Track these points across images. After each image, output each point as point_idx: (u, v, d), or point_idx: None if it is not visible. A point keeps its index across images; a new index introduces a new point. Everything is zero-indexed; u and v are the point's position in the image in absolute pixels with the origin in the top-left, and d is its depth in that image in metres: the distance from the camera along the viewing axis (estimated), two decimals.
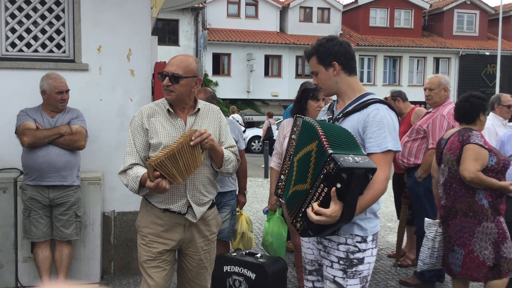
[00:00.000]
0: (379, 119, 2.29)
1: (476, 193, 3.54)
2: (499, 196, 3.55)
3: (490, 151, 3.53)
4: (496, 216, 3.53)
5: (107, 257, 4.64)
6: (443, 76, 4.83)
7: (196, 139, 2.53)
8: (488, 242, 3.52)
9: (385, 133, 2.28)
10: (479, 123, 3.69)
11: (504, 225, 3.56)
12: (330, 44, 2.40)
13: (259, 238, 6.24)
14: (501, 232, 3.52)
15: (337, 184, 2.07)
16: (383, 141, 2.27)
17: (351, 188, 2.08)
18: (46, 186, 3.88)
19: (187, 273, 2.90)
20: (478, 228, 3.53)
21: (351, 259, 2.34)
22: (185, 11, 25.29)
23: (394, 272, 5.06)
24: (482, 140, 3.53)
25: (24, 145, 3.83)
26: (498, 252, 3.52)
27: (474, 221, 3.54)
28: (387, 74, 29.33)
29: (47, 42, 4.52)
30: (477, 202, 3.54)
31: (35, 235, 3.93)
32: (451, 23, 30.24)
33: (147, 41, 4.64)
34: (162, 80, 2.69)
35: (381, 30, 29.37)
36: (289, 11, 28.24)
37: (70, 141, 3.93)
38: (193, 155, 2.54)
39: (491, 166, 3.51)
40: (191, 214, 2.75)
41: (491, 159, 3.51)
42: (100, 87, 4.55)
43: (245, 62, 26.90)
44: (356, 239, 2.34)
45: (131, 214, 4.63)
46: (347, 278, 2.35)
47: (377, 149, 2.27)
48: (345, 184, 2.07)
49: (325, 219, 2.09)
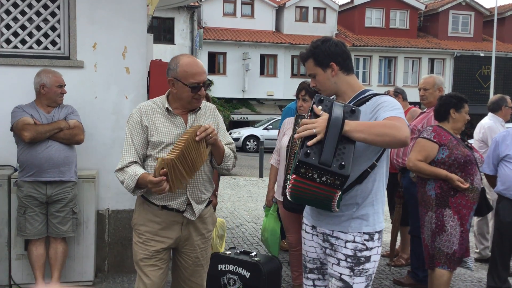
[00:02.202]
0: (385, 99, 2.32)
1: (427, 184, 3.83)
2: (451, 189, 3.71)
3: (443, 145, 3.74)
4: (440, 208, 3.74)
5: (101, 255, 4.63)
6: (437, 76, 4.85)
7: (201, 134, 2.52)
8: (429, 230, 3.81)
9: (395, 107, 2.27)
10: (451, 120, 3.85)
11: (447, 219, 3.71)
12: (326, 45, 2.41)
13: (253, 237, 6.25)
14: (440, 224, 3.73)
15: (319, 107, 2.15)
16: (394, 111, 2.24)
17: (334, 109, 2.11)
18: (44, 182, 3.86)
19: (183, 272, 2.89)
20: (426, 217, 3.85)
21: (359, 257, 2.36)
22: (181, 10, 25.25)
23: (388, 272, 5.07)
24: (432, 135, 3.78)
25: (25, 140, 3.79)
26: (434, 241, 3.77)
27: (423, 210, 3.88)
28: (382, 74, 29.41)
29: (42, 39, 4.49)
30: (426, 193, 3.83)
31: (30, 233, 3.91)
32: (446, 24, 30.35)
33: (143, 39, 4.63)
34: (196, 91, 2.65)
35: (377, 31, 29.43)
36: (285, 11, 28.25)
37: (70, 135, 3.93)
38: (199, 151, 2.54)
39: (441, 159, 3.74)
40: (190, 212, 2.74)
41: (442, 152, 3.74)
42: (95, 85, 4.53)
43: (240, 61, 26.89)
44: (364, 237, 2.36)
45: (125, 212, 4.61)
46: (354, 276, 2.36)
47: (391, 113, 2.22)
48: (328, 108, 2.14)
49: (313, 125, 2.06)
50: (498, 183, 4.25)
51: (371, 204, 2.38)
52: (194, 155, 2.51)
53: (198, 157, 2.55)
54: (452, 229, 3.70)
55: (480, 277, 5.00)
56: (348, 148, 2.08)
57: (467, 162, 3.72)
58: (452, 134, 3.81)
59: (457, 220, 3.71)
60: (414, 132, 4.65)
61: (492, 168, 4.30)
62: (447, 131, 3.80)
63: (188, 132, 2.57)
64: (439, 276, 3.76)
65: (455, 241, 3.72)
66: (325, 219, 2.42)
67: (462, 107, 3.84)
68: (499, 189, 4.22)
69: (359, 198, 2.36)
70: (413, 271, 4.66)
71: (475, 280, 4.93)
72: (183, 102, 2.71)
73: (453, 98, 3.86)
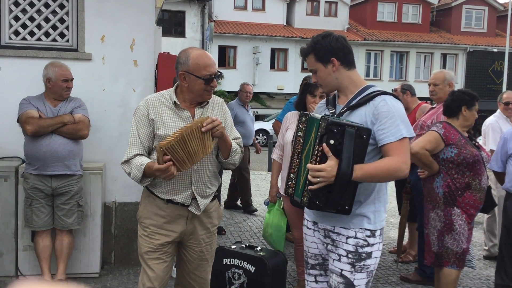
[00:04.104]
0: (388, 109, 2.27)
1: (435, 181, 3.77)
2: (459, 189, 3.66)
3: (451, 144, 3.68)
4: (448, 207, 3.69)
5: (108, 247, 4.64)
6: (448, 72, 4.79)
7: (208, 126, 2.50)
8: (435, 228, 3.76)
9: (397, 121, 2.26)
10: (461, 117, 3.78)
11: (455, 218, 3.66)
12: (327, 40, 2.38)
13: (260, 231, 6.23)
14: (448, 223, 3.68)
15: (330, 141, 2.12)
16: (396, 129, 2.25)
17: (345, 145, 2.12)
18: (49, 175, 3.87)
19: (187, 265, 2.88)
20: (431, 214, 3.80)
21: (360, 253, 2.34)
22: (192, 3, 25.22)
23: (395, 268, 5.04)
24: (442, 131, 3.71)
25: (27, 134, 3.82)
26: (442, 241, 3.72)
27: (429, 206, 3.83)
28: (394, 69, 29.18)
29: (51, 31, 4.50)
30: (434, 190, 3.77)
31: (36, 224, 3.93)
32: (459, 19, 30.02)
33: (151, 32, 4.62)
34: (209, 83, 2.65)
35: (389, 25, 29.18)
36: (296, 4, 28.09)
37: (73, 130, 3.92)
38: (203, 141, 2.52)
39: (450, 158, 3.67)
40: (195, 206, 2.73)
41: (450, 151, 3.68)
42: (103, 77, 4.53)
43: (251, 55, 26.82)
44: (366, 233, 2.34)
45: (132, 205, 4.62)
46: (355, 272, 2.35)
47: (392, 138, 2.25)
48: (338, 141, 2.12)
49: (321, 173, 2.13)
50: (506, 180, 4.19)
51: (373, 203, 2.36)
52: (197, 144, 2.49)
53: (201, 148, 2.53)
54: (460, 228, 3.67)
55: (489, 274, 4.95)
56: (353, 188, 2.21)
57: (475, 162, 3.67)
58: (460, 132, 3.76)
59: (465, 219, 3.69)
60: (423, 128, 4.60)
61: (501, 165, 4.24)
62: (455, 129, 3.75)
63: (194, 121, 2.56)
64: (447, 274, 3.73)
65: (464, 239, 3.69)
66: (326, 215, 2.40)
67: (474, 105, 3.78)
68: (507, 186, 4.16)
69: (362, 196, 2.34)
70: (421, 268, 4.63)
71: (483, 278, 4.88)
72: (194, 95, 2.70)
73: (466, 95, 3.79)
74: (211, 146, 2.60)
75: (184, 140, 2.43)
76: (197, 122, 2.51)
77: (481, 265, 5.29)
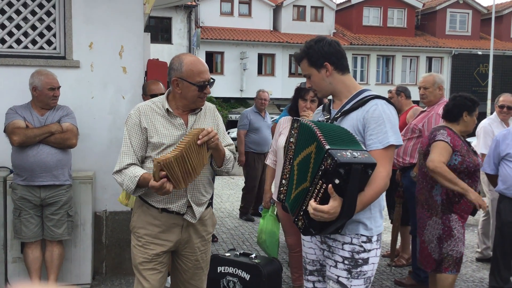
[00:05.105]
0: (378, 115, 2.26)
1: (434, 188, 3.71)
2: (456, 196, 3.63)
3: (456, 151, 3.61)
4: (447, 213, 3.67)
5: (99, 257, 4.57)
6: (437, 75, 4.80)
7: (204, 138, 2.47)
8: (434, 236, 3.72)
9: (386, 128, 2.25)
10: (462, 123, 3.74)
11: (454, 224, 3.66)
12: (320, 45, 2.36)
13: (253, 238, 6.19)
14: (446, 230, 3.66)
15: (335, 180, 2.04)
16: (384, 136, 2.24)
17: (350, 184, 2.05)
18: (37, 186, 3.80)
19: (182, 275, 2.83)
20: (429, 221, 3.75)
21: (356, 259, 2.31)
22: (178, 9, 25.17)
23: (389, 272, 5.03)
24: (448, 138, 3.62)
25: (14, 145, 3.74)
26: (441, 247, 3.69)
27: (427, 213, 3.78)
28: (380, 73, 29.37)
29: (38, 39, 4.43)
30: (433, 197, 3.72)
31: (25, 235, 3.85)
32: (444, 22, 30.32)
33: (140, 38, 4.57)
34: (203, 89, 2.62)
35: (374, 29, 29.39)
36: (283, 10, 28.19)
37: (61, 140, 3.85)
38: (200, 154, 2.48)
39: (454, 165, 3.60)
40: (190, 215, 2.68)
41: (454, 158, 3.61)
42: (91, 85, 4.47)
43: (238, 60, 26.82)
44: (361, 239, 2.31)
45: (123, 214, 4.55)
46: (351, 279, 2.31)
47: (379, 145, 2.24)
48: (344, 180, 2.03)
49: (324, 215, 2.07)
50: (499, 183, 4.20)
51: (368, 209, 2.32)
52: (195, 159, 2.45)
53: (199, 161, 2.49)
54: (459, 233, 3.68)
55: (482, 277, 4.96)
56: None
57: (476, 170, 3.67)
58: (462, 138, 3.74)
59: (461, 224, 3.69)
60: (414, 131, 4.60)
61: (493, 167, 4.26)
62: (457, 135, 3.71)
63: (189, 134, 2.51)
64: (444, 278, 3.72)
65: (462, 244, 3.70)
66: None
67: (474, 110, 3.74)
68: (500, 189, 4.18)
69: None
70: (415, 272, 4.62)
71: (476, 280, 4.88)
72: (187, 102, 2.66)
73: (468, 101, 3.73)
74: (207, 157, 2.58)
75: (183, 158, 2.39)
76: (192, 135, 2.46)
77: (474, 267, 5.29)
